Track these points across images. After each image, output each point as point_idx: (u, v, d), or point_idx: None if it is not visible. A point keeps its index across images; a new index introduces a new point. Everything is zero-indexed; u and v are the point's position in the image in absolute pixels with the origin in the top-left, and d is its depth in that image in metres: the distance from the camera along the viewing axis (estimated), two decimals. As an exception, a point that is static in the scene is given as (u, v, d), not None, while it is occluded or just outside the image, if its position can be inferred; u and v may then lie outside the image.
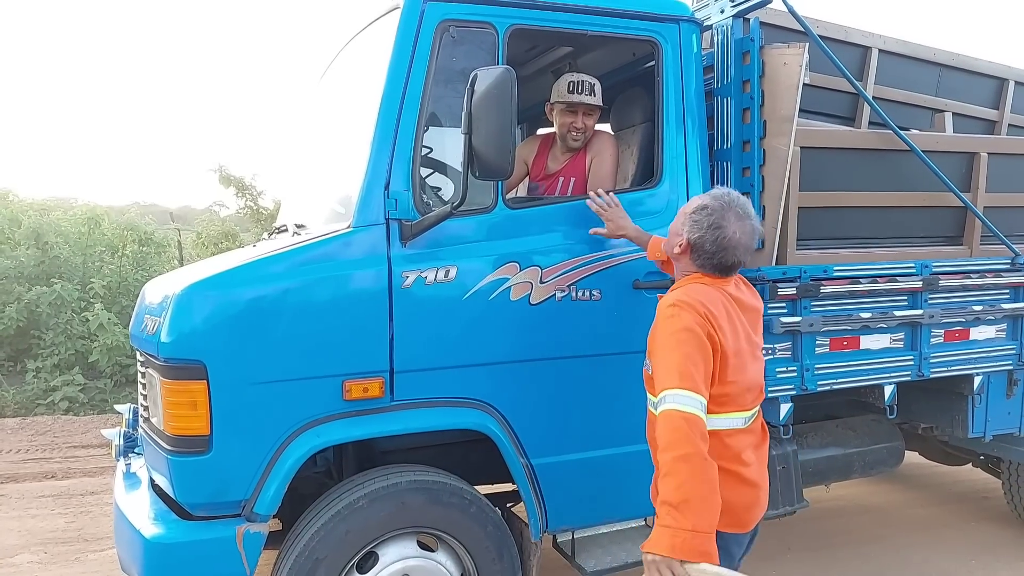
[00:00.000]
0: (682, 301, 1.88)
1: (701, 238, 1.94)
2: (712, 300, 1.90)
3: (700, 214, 1.96)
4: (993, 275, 3.34)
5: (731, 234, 1.92)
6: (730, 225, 1.92)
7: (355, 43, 3.07)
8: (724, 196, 1.98)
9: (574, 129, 3.04)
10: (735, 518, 1.94)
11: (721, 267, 1.96)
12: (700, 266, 1.98)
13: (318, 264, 2.37)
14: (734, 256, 1.94)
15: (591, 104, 3.01)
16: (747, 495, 1.97)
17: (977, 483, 5.05)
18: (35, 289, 8.41)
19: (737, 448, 1.95)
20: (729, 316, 1.92)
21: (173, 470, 2.29)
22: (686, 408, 1.75)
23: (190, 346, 2.22)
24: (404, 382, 2.44)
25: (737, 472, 1.94)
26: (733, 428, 1.96)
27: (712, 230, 1.92)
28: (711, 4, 3.09)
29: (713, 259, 1.95)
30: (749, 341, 1.98)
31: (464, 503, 2.52)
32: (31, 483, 5.43)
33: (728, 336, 1.88)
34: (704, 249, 1.94)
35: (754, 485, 1.98)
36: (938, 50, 4.01)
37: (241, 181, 9.98)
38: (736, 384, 1.92)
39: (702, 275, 1.99)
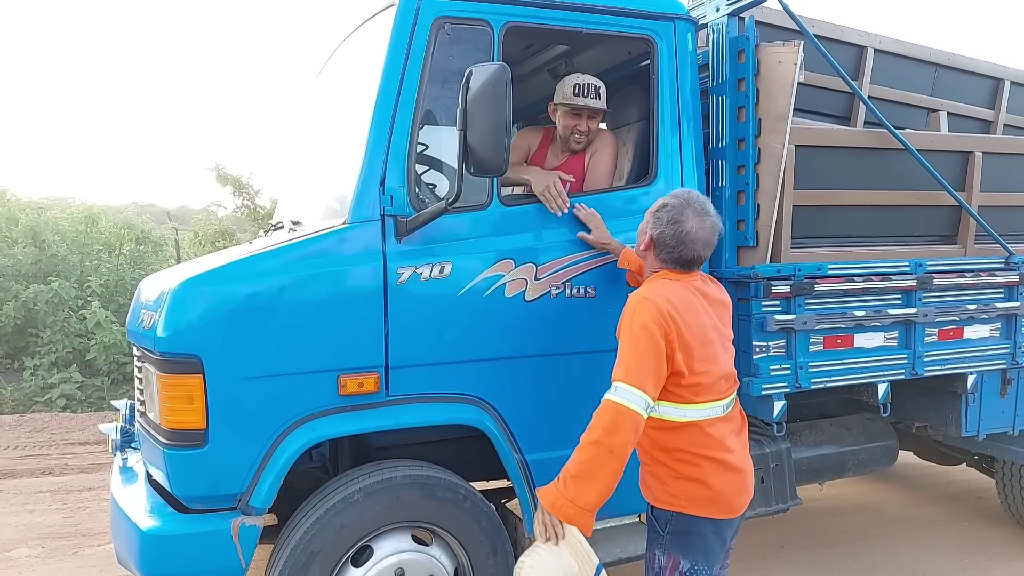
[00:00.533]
0: (645, 298, 1.99)
1: (662, 233, 2.06)
2: (676, 294, 2.01)
3: (661, 211, 2.09)
4: (987, 274, 3.35)
5: (689, 228, 2.03)
6: (688, 220, 2.03)
7: (351, 40, 3.08)
8: (683, 194, 2.11)
9: (578, 132, 3.02)
10: (725, 504, 2.03)
11: (682, 261, 2.07)
12: (663, 260, 2.09)
13: (313, 260, 2.39)
14: (693, 250, 2.05)
15: (596, 108, 3.00)
16: (734, 480, 2.04)
17: (971, 482, 5.07)
18: (32, 287, 8.42)
19: (719, 436, 2.03)
20: (694, 308, 2.02)
21: (169, 464, 2.30)
22: (623, 402, 1.89)
23: (186, 340, 2.23)
24: (399, 378, 2.46)
25: (723, 460, 2.02)
26: (713, 417, 2.03)
27: (671, 225, 2.04)
28: (707, 2, 3.11)
29: (673, 253, 2.06)
30: (718, 332, 2.09)
31: (458, 498, 2.53)
32: (29, 479, 5.44)
33: (693, 328, 1.98)
34: (665, 243, 2.06)
35: (739, 471, 2.06)
36: (934, 50, 4.03)
37: (238, 180, 9.98)
38: (708, 374, 2.01)
39: (667, 271, 2.10)
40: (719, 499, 2.02)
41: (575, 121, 3.02)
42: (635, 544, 2.87)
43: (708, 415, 2.03)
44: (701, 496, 2.02)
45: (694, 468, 2.01)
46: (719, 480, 2.01)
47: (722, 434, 2.04)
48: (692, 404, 2.00)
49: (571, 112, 3.01)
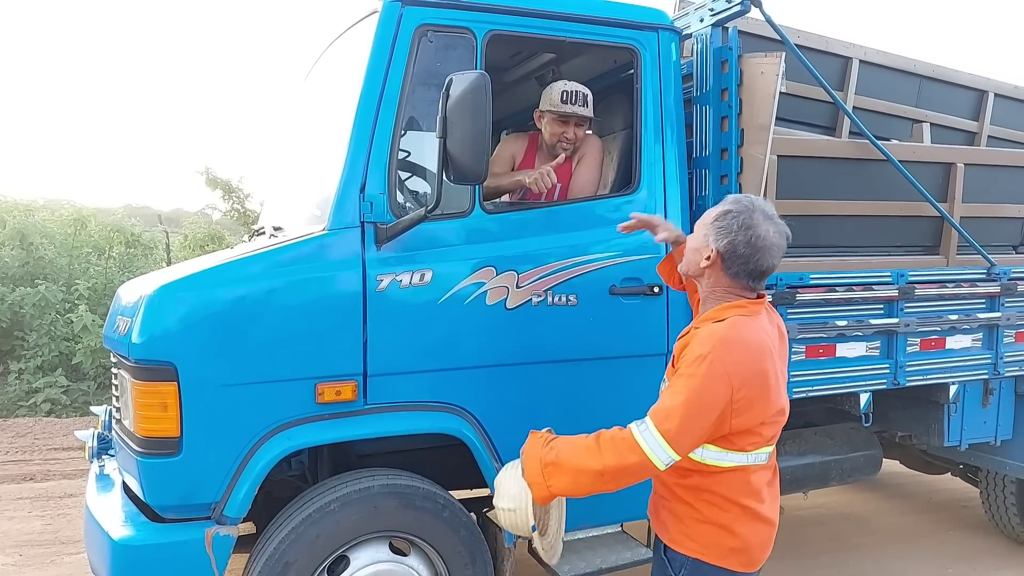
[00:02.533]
0: (725, 343, 1.70)
1: (732, 242, 1.77)
2: (759, 345, 1.73)
3: (725, 219, 1.80)
4: (969, 285, 3.36)
5: (763, 232, 1.75)
6: (760, 224, 1.76)
7: (336, 46, 3.08)
8: (746, 199, 1.83)
9: (564, 139, 3.02)
10: (748, 557, 1.82)
11: (756, 273, 1.79)
12: (734, 275, 1.80)
13: (292, 266, 2.37)
14: (769, 259, 1.78)
15: (584, 116, 3.00)
16: (763, 533, 1.84)
17: (957, 492, 5.08)
18: (19, 290, 8.37)
19: (758, 484, 1.82)
20: (773, 354, 1.77)
21: (143, 472, 2.27)
22: (648, 451, 1.68)
23: (161, 347, 2.21)
24: (377, 386, 2.44)
25: (755, 510, 1.81)
26: (758, 464, 1.82)
27: (743, 231, 1.76)
28: (691, 13, 3.11)
29: (748, 263, 1.77)
30: (784, 374, 1.85)
31: (437, 507, 2.51)
32: (9, 485, 5.39)
33: (771, 379, 1.73)
34: (738, 253, 1.77)
35: (770, 523, 1.85)
36: (919, 61, 4.07)
37: (228, 183, 9.96)
38: (774, 424, 1.80)
39: (740, 299, 1.82)
40: (744, 551, 1.80)
41: (562, 128, 3.02)
42: (616, 554, 2.86)
43: (754, 461, 1.79)
44: (724, 545, 1.80)
45: (722, 513, 1.80)
46: (747, 530, 1.79)
47: (760, 482, 1.83)
48: (742, 451, 1.77)
49: (558, 119, 3.01)
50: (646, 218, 2.25)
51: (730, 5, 2.88)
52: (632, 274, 2.78)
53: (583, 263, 2.74)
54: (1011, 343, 3.50)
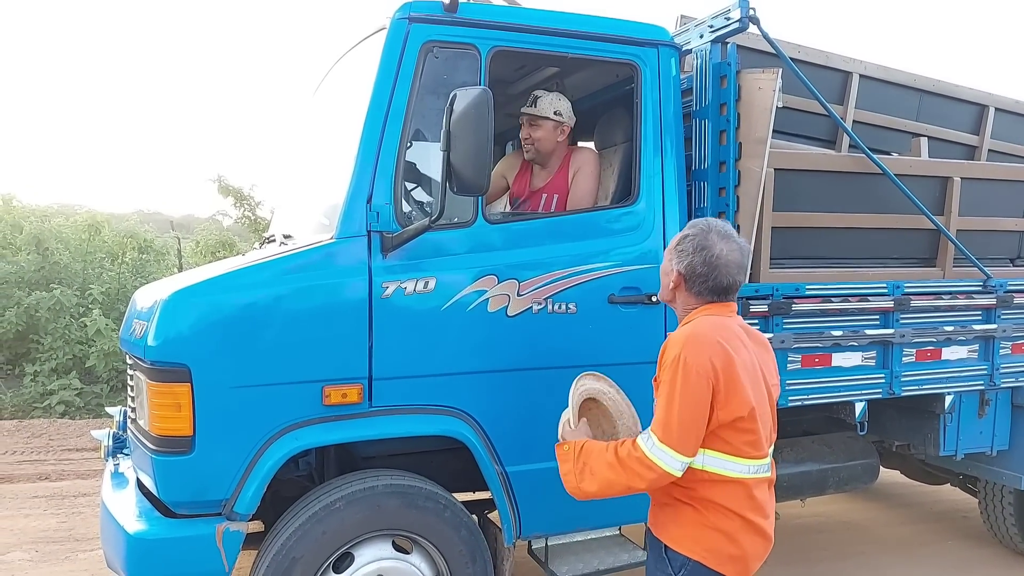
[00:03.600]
0: (692, 335, 1.85)
1: (690, 264, 1.93)
2: (722, 333, 1.87)
3: (683, 243, 1.97)
4: (965, 297, 3.42)
5: (719, 252, 1.91)
6: (715, 244, 1.91)
7: (345, 60, 3.18)
8: (701, 222, 2.00)
9: (524, 139, 3.17)
10: (744, 567, 1.88)
11: (717, 289, 1.93)
12: (698, 293, 1.96)
13: (301, 273, 2.46)
14: (728, 275, 1.92)
15: (532, 115, 3.11)
16: (762, 547, 1.91)
17: (958, 502, 5.10)
18: (35, 294, 8.51)
19: (762, 500, 1.89)
20: (738, 349, 1.87)
21: (157, 469, 2.37)
22: (660, 463, 1.80)
23: (175, 350, 2.31)
24: (382, 389, 2.52)
25: (758, 525, 1.88)
26: (760, 477, 1.89)
27: (699, 253, 1.92)
28: (691, 29, 3.20)
29: (708, 281, 1.92)
30: (762, 375, 1.93)
31: (439, 507, 2.59)
32: (25, 484, 5.51)
33: (745, 363, 1.85)
34: (696, 273, 1.93)
35: (768, 539, 1.92)
36: (919, 76, 4.12)
37: (239, 191, 10.11)
38: (763, 416, 1.87)
39: (705, 305, 1.96)
40: (742, 560, 1.86)
41: (525, 132, 3.17)
42: (613, 556, 2.93)
43: (755, 473, 1.87)
44: (725, 552, 1.86)
45: (727, 522, 1.86)
46: (748, 542, 1.86)
47: (764, 497, 1.91)
48: (744, 459, 1.85)
49: (522, 125, 3.17)
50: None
51: (729, 22, 2.97)
52: (630, 283, 2.86)
53: (583, 272, 2.82)
54: (1007, 355, 3.54)
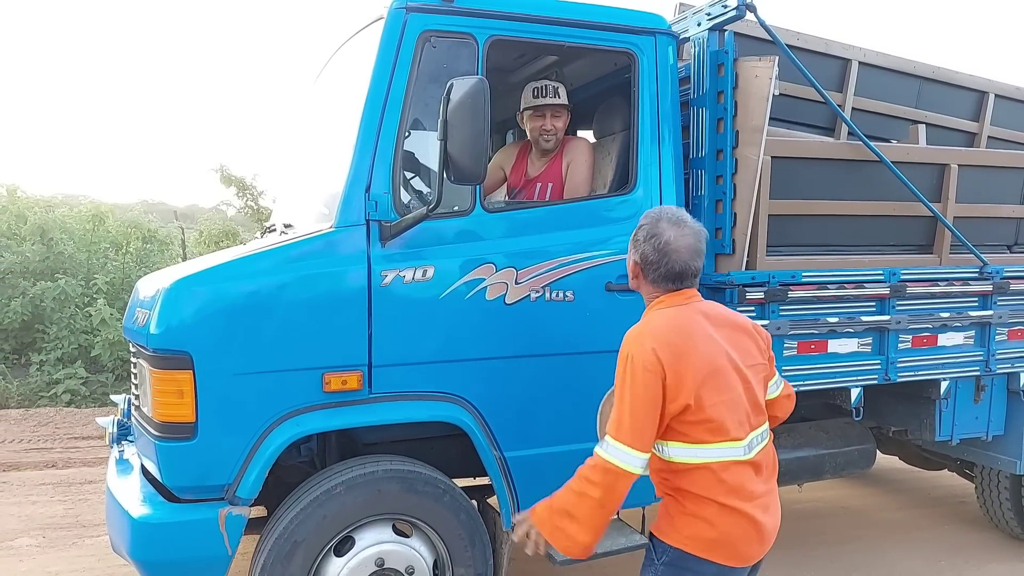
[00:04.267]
0: (638, 335, 1.88)
1: (643, 252, 1.95)
2: (671, 321, 1.88)
3: (637, 233, 2.00)
4: (961, 283, 3.43)
5: (668, 238, 1.91)
6: (665, 232, 1.92)
7: (344, 50, 3.19)
8: (654, 211, 2.02)
9: (544, 131, 3.19)
10: (731, 550, 1.85)
11: (671, 275, 1.93)
12: (653, 281, 1.97)
13: (301, 262, 2.49)
14: (680, 260, 1.92)
15: (556, 104, 3.14)
16: (746, 529, 1.84)
17: (955, 488, 5.14)
18: (40, 284, 8.57)
19: (735, 482, 1.84)
20: (693, 334, 1.86)
21: (160, 455, 2.41)
22: (616, 462, 1.79)
23: (177, 337, 2.34)
24: (381, 376, 2.56)
25: (735, 507, 1.83)
26: (729, 459, 1.84)
27: (649, 241, 1.94)
28: (689, 17, 3.20)
29: (660, 268, 1.93)
30: (729, 358, 1.89)
31: (438, 492, 2.63)
32: (32, 471, 5.58)
33: (695, 356, 1.83)
34: (649, 261, 1.94)
35: (754, 521, 1.85)
36: (918, 63, 4.11)
37: (242, 181, 10.13)
38: (723, 404, 1.83)
39: (662, 295, 1.97)
40: (725, 544, 1.83)
41: (540, 122, 3.18)
42: (611, 539, 2.95)
43: (722, 456, 1.83)
44: (704, 537, 1.83)
45: (702, 508, 1.84)
46: (728, 525, 1.82)
47: (739, 479, 1.84)
48: (704, 444, 1.83)
49: (535, 114, 3.18)
50: None
51: (726, 10, 2.97)
52: (626, 271, 2.87)
53: (580, 260, 2.84)
54: (1003, 341, 3.56)
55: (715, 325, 1.94)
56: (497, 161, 3.44)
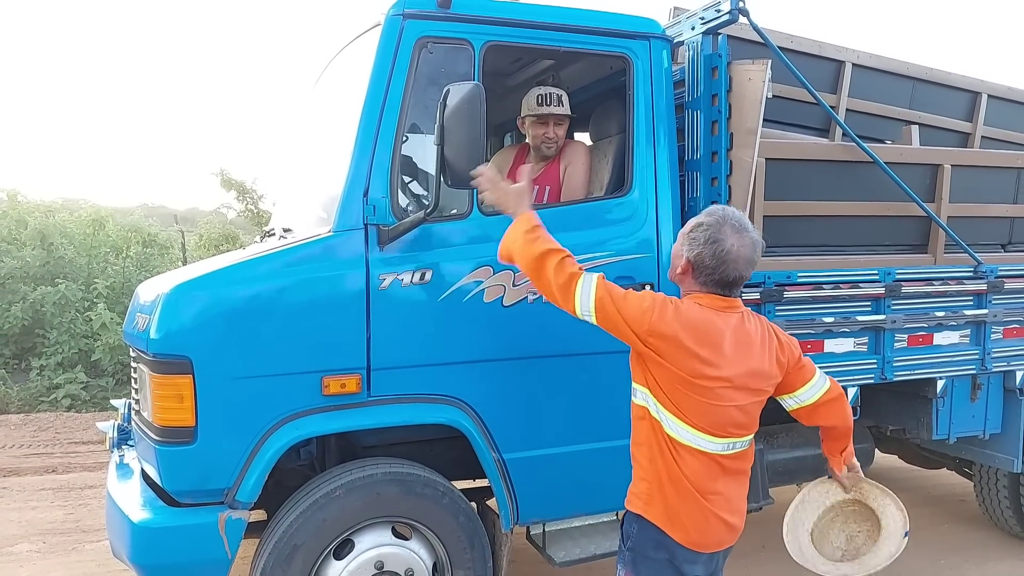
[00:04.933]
0: (675, 300, 1.95)
1: (700, 254, 1.93)
2: (703, 318, 1.90)
3: (696, 231, 1.96)
4: (956, 282, 3.45)
5: (729, 247, 1.90)
6: (727, 238, 1.91)
7: (342, 56, 3.22)
8: (718, 211, 1.99)
9: (547, 139, 3.19)
10: (680, 527, 1.92)
11: (723, 282, 1.94)
12: (703, 284, 1.96)
13: (300, 266, 2.51)
14: (735, 270, 1.92)
15: (560, 114, 3.15)
16: (699, 514, 1.92)
17: (955, 487, 5.15)
18: (40, 289, 8.60)
19: (703, 469, 1.92)
20: (718, 338, 1.89)
21: (160, 459, 2.43)
22: (577, 302, 2.02)
23: (177, 342, 2.36)
24: (380, 379, 2.58)
25: (689, 491, 1.91)
26: (704, 450, 1.92)
27: (710, 244, 1.91)
28: (683, 21, 3.23)
29: (714, 274, 1.93)
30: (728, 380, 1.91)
31: (437, 494, 2.65)
32: (32, 477, 5.60)
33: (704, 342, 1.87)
34: (704, 264, 1.93)
35: (706, 512, 1.92)
36: (911, 64, 4.14)
37: (242, 184, 10.16)
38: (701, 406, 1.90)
39: (703, 295, 1.97)
40: (676, 521, 1.92)
41: (543, 129, 3.19)
42: (610, 541, 2.97)
43: (698, 444, 1.91)
44: (658, 504, 1.94)
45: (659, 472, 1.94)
46: (679, 502, 1.91)
47: (708, 470, 1.92)
48: (688, 425, 1.90)
49: (538, 121, 3.18)
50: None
51: (719, 14, 2.99)
52: (624, 273, 2.89)
53: (577, 262, 2.85)
54: (999, 339, 3.58)
55: (736, 341, 1.94)
56: (495, 164, 3.45)
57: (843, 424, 2.20)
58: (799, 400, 2.13)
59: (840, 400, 2.17)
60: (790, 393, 2.12)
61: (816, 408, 2.14)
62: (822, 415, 2.16)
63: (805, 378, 2.12)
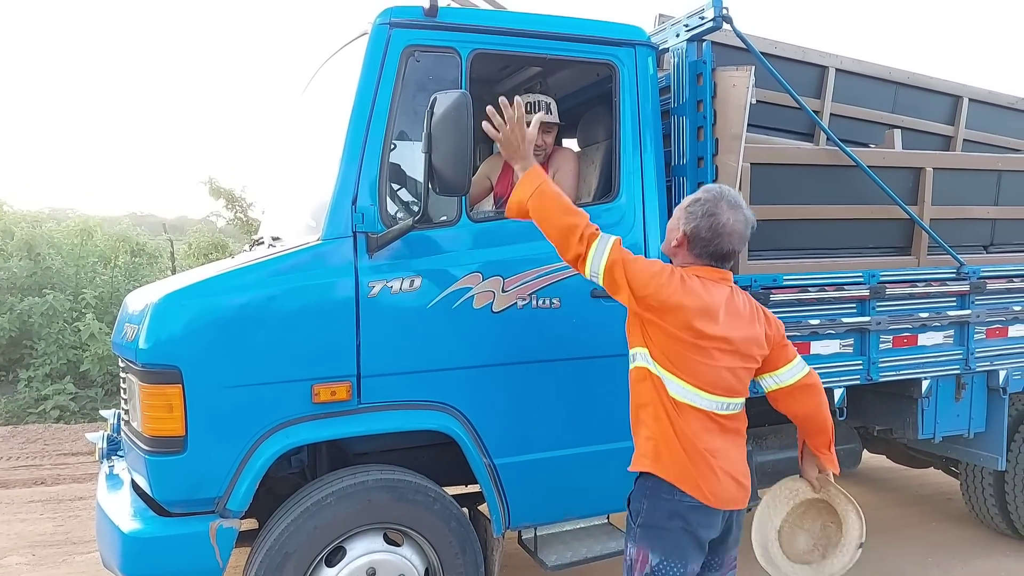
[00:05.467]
0: (677, 269, 2.05)
1: (696, 227, 2.03)
2: (701, 286, 2.00)
3: (694, 206, 2.06)
4: (939, 284, 3.49)
5: (725, 220, 2.01)
6: (723, 213, 2.02)
7: (330, 64, 3.23)
8: (715, 188, 2.10)
9: (535, 147, 3.18)
10: (688, 477, 1.96)
11: (717, 255, 2.05)
12: (697, 255, 2.07)
13: (289, 275, 2.52)
14: (729, 243, 2.03)
15: (548, 122, 3.16)
16: (703, 463, 1.97)
17: (943, 485, 5.20)
18: (27, 300, 8.53)
19: (700, 424, 1.99)
20: (715, 303, 1.99)
21: (150, 469, 2.43)
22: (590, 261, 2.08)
23: (166, 352, 2.37)
24: (370, 386, 2.59)
25: (694, 444, 1.97)
26: (700, 408, 1.99)
27: (706, 218, 2.02)
28: (668, 28, 3.26)
29: (709, 247, 2.03)
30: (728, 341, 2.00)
31: (428, 500, 2.66)
32: (21, 489, 5.55)
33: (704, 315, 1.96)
34: (700, 237, 2.03)
35: (708, 463, 1.97)
36: (894, 69, 4.19)
37: (231, 193, 10.14)
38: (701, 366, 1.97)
39: (699, 267, 2.07)
40: (685, 471, 1.95)
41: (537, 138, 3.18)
42: (602, 544, 3.00)
43: (696, 402, 1.98)
44: (664, 455, 1.98)
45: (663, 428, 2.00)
46: (687, 457, 1.96)
47: (706, 428, 2.00)
48: (685, 382, 1.98)
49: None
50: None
51: (703, 21, 3.03)
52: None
53: (566, 268, 2.84)
54: (982, 339, 3.63)
55: (727, 310, 2.04)
56: (483, 171, 3.48)
57: (820, 413, 2.25)
58: (778, 380, 2.19)
59: (817, 388, 2.24)
60: (771, 371, 2.19)
61: (793, 391, 2.20)
62: (799, 400, 2.21)
63: (787, 357, 2.20)
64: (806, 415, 2.25)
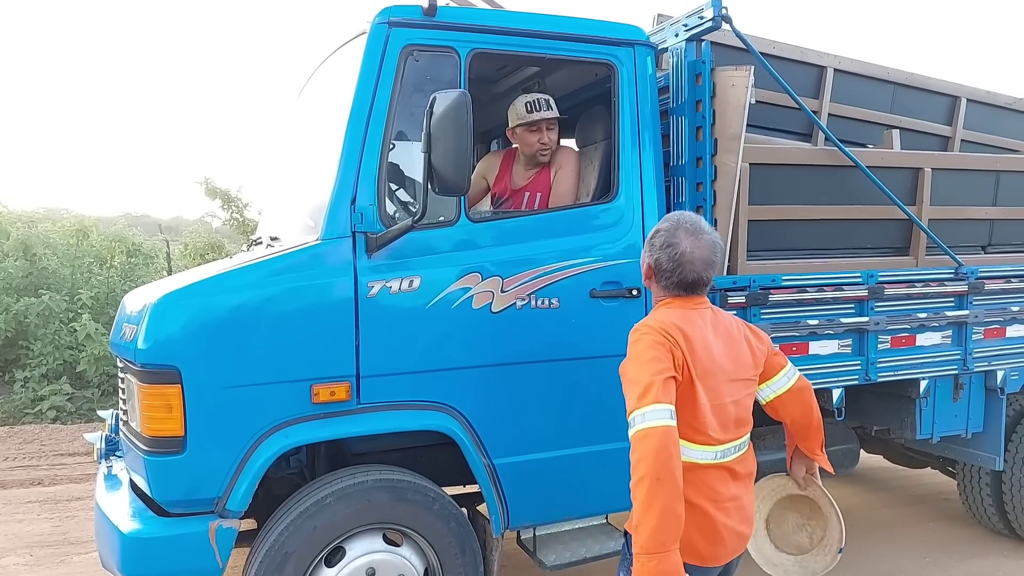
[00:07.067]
0: (644, 325, 1.93)
1: (657, 259, 1.99)
2: (680, 319, 1.92)
3: (654, 238, 2.02)
4: (937, 284, 3.50)
5: (684, 249, 1.94)
6: (682, 242, 1.95)
7: (328, 64, 3.23)
8: (673, 217, 2.04)
9: (542, 145, 3.20)
10: (691, 548, 1.85)
11: (683, 284, 1.97)
12: (665, 287, 2.01)
13: (288, 275, 2.52)
14: (692, 271, 1.95)
15: (551, 117, 3.17)
16: (709, 529, 1.89)
17: (940, 485, 5.21)
18: (23, 300, 8.50)
19: (705, 481, 1.89)
20: (703, 334, 1.91)
21: (149, 469, 2.42)
22: (646, 425, 1.73)
23: (165, 352, 2.36)
24: (370, 386, 2.58)
25: (699, 505, 1.87)
26: (703, 462, 1.89)
27: (665, 249, 1.97)
28: (667, 28, 3.27)
29: (673, 277, 1.96)
30: (723, 369, 1.93)
31: (428, 500, 2.66)
32: (18, 489, 5.53)
33: (699, 352, 1.87)
34: (663, 268, 1.98)
35: (714, 523, 1.89)
36: (892, 69, 4.20)
37: (227, 193, 10.12)
38: (708, 408, 1.88)
39: (671, 298, 2.01)
40: (688, 543, 1.80)
41: (536, 136, 3.19)
42: (600, 544, 3.00)
43: (691, 457, 1.87)
44: None
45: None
46: (691, 524, 1.80)
47: (710, 480, 1.90)
48: (689, 442, 1.87)
49: (530, 129, 3.19)
50: None
51: (702, 21, 3.03)
52: (612, 278, 2.92)
53: (565, 268, 2.88)
54: (980, 339, 3.64)
55: (716, 334, 1.98)
56: (480, 171, 3.48)
57: (815, 414, 2.24)
58: (775, 388, 2.17)
59: (809, 389, 2.23)
60: (768, 381, 2.16)
61: (791, 396, 2.18)
62: (797, 404, 2.19)
63: (781, 363, 2.18)
64: (802, 418, 2.23)
